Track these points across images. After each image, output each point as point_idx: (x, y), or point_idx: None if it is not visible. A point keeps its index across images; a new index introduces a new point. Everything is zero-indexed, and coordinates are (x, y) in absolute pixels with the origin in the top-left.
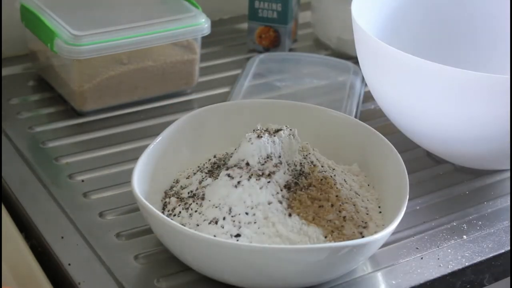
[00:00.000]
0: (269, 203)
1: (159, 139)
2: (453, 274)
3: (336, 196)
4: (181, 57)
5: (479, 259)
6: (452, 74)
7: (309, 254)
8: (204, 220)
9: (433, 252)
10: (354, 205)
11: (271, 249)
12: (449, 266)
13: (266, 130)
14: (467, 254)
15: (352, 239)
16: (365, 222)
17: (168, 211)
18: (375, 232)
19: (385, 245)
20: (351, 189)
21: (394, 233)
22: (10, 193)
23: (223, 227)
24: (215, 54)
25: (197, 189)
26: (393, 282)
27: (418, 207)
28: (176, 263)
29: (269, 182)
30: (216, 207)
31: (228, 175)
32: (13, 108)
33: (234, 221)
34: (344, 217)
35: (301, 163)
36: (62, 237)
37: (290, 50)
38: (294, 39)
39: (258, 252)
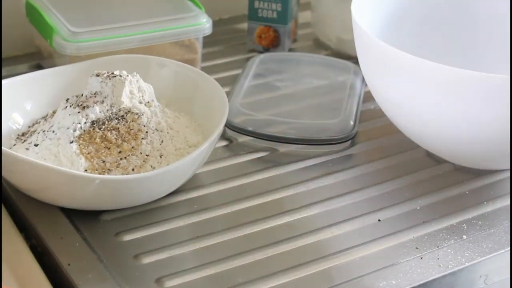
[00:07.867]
0: (67, 128)
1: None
2: (453, 274)
3: (132, 147)
4: (182, 57)
5: (479, 259)
6: (452, 74)
7: (59, 177)
8: (30, 142)
9: (433, 252)
10: (145, 161)
11: (36, 164)
12: (449, 266)
13: (110, 74)
14: (467, 254)
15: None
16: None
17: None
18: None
19: (385, 245)
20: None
21: (394, 233)
22: (10, 193)
23: (36, 143)
24: (215, 54)
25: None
26: (393, 282)
27: (418, 207)
28: (176, 263)
29: (79, 112)
30: (45, 130)
31: (67, 101)
32: None
33: (45, 136)
34: (119, 164)
35: (129, 111)
36: (62, 237)
37: (290, 50)
38: (294, 39)
39: (27, 165)
